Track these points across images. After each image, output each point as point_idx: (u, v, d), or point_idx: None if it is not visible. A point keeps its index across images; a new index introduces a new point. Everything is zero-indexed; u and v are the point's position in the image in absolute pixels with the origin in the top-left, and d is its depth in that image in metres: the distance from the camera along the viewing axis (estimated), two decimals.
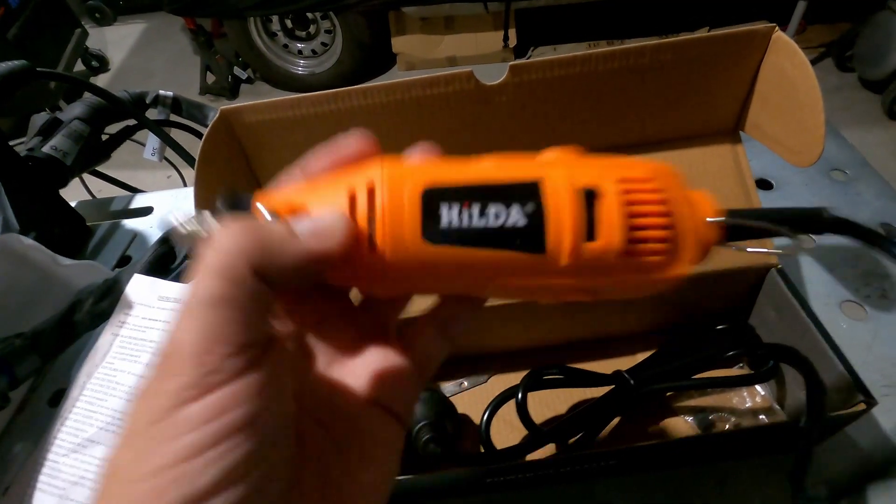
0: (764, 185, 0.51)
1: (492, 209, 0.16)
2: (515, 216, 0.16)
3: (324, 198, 0.17)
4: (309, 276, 0.16)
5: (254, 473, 0.13)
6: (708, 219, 0.19)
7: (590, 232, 0.17)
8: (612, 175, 0.17)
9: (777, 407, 0.35)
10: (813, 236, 0.46)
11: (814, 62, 1.94)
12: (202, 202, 0.31)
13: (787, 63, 0.31)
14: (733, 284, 0.36)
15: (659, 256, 0.17)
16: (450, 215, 0.16)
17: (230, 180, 0.34)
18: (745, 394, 0.36)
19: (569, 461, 0.31)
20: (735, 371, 0.37)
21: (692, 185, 0.39)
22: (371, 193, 0.16)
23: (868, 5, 1.67)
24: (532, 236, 0.16)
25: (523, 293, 0.19)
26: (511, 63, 0.32)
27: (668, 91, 0.34)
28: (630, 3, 2.08)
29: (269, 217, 0.16)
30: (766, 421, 0.34)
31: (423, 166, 0.18)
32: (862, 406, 0.28)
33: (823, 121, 0.30)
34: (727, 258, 0.35)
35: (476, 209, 0.16)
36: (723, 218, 0.19)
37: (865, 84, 1.81)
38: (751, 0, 1.94)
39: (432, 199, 0.16)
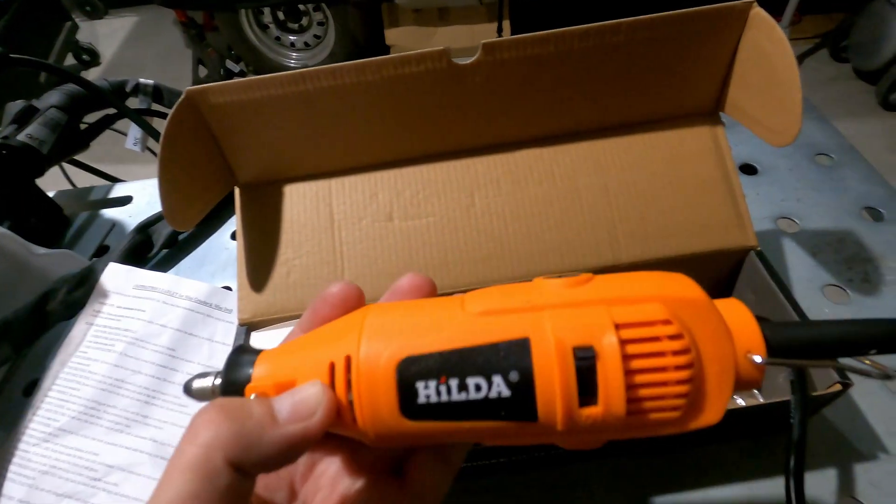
0: (749, 170, 0.50)
1: (471, 381, 0.15)
2: (498, 387, 0.15)
3: (305, 369, 0.17)
4: (291, 457, 0.16)
5: None
6: (751, 356, 0.16)
7: (589, 395, 0.15)
8: (612, 323, 0.15)
9: (755, 391, 0.34)
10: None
11: (809, 52, 1.94)
12: (166, 185, 0.30)
13: (766, 40, 0.31)
14: (713, 267, 0.36)
15: (674, 413, 0.15)
16: (427, 391, 0.15)
17: (197, 162, 0.33)
18: None
19: (545, 445, 0.30)
20: None
21: (670, 171, 0.38)
22: (348, 366, 0.16)
23: None
24: (519, 407, 0.15)
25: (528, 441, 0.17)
26: (484, 41, 0.32)
27: (646, 70, 0.34)
28: None
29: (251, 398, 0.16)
30: (744, 404, 0.34)
31: (402, 327, 0.16)
32: (838, 387, 0.28)
33: (801, 99, 0.29)
34: (702, 240, 0.35)
35: (454, 383, 0.15)
36: (766, 360, 0.16)
37: (860, 74, 1.80)
38: None
39: (408, 374, 0.15)
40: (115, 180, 0.70)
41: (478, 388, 0.15)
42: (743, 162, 0.51)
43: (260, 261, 0.35)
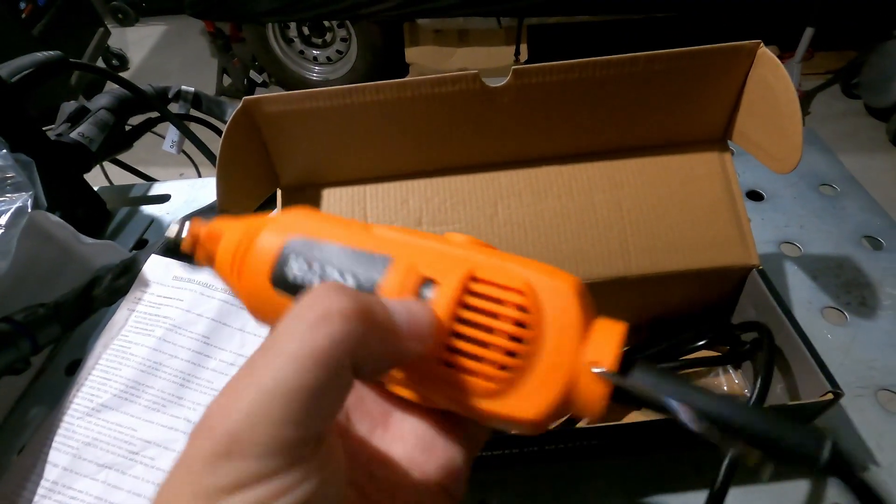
0: (755, 196, 0.53)
1: (330, 272, 0.17)
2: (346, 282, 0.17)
3: (232, 226, 0.19)
4: (388, 371, 0.15)
5: None
6: (594, 368, 0.15)
7: None
8: (468, 271, 0.16)
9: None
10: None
11: (821, 88, 1.98)
12: (223, 182, 0.33)
13: (771, 76, 0.34)
14: (718, 282, 0.38)
15: (489, 384, 0.15)
16: (294, 268, 0.17)
17: (248, 164, 0.36)
18: (724, 382, 0.37)
19: (549, 439, 0.33)
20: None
21: (680, 191, 0.41)
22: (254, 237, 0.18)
23: (875, 34, 1.70)
24: None
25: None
26: (514, 67, 0.35)
27: (660, 99, 0.37)
28: (640, 24, 2.12)
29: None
30: None
31: (315, 222, 0.19)
32: (830, 396, 0.30)
33: (801, 130, 0.32)
34: (708, 257, 0.37)
35: (317, 268, 0.17)
36: (606, 372, 0.15)
37: (871, 111, 1.83)
38: (758, 26, 1.98)
39: (288, 249, 0.18)
40: (148, 179, 0.74)
41: (336, 278, 0.17)
42: (750, 188, 0.54)
43: None
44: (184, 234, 0.20)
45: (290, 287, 0.17)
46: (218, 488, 0.11)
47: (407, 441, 0.17)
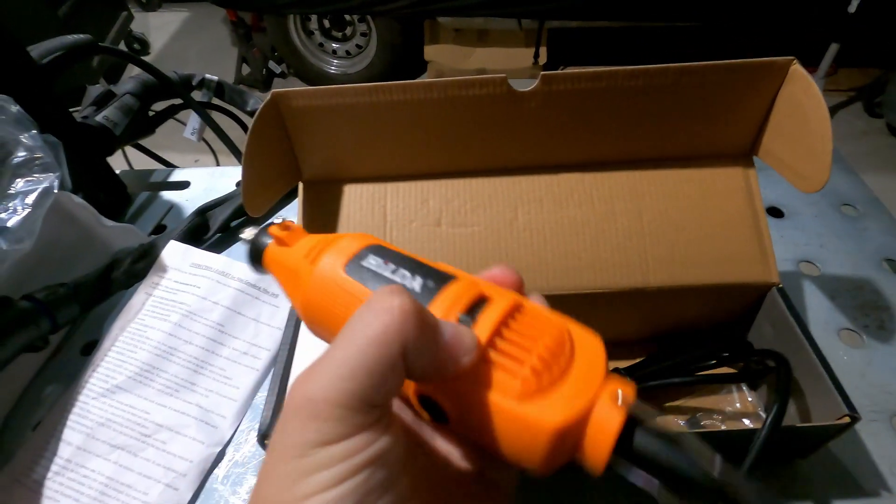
0: (776, 213, 0.53)
1: (401, 271, 0.20)
2: (413, 281, 0.19)
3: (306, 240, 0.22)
4: (431, 378, 0.17)
5: (384, 498, 0.15)
6: (615, 393, 0.17)
7: (471, 319, 0.18)
8: (519, 299, 0.19)
9: (763, 414, 0.36)
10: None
11: (843, 105, 1.95)
12: (249, 171, 0.34)
13: (802, 94, 0.33)
14: (736, 298, 0.38)
15: (517, 380, 0.16)
16: (371, 261, 0.20)
17: (273, 156, 0.37)
18: (737, 399, 0.37)
19: None
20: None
21: (702, 205, 0.41)
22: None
23: None
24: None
25: None
26: (543, 73, 0.35)
27: (688, 111, 0.36)
28: (661, 32, 2.11)
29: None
30: (750, 425, 0.36)
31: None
32: (846, 419, 0.30)
33: (831, 150, 0.32)
34: (727, 272, 0.37)
35: (391, 266, 0.20)
36: (628, 402, 0.16)
37: (893, 131, 1.81)
38: (782, 42, 1.96)
39: (366, 250, 0.21)
40: (168, 164, 0.75)
41: (402, 276, 0.19)
42: (770, 205, 0.53)
43: None
44: (263, 239, 0.23)
45: (363, 274, 0.19)
46: (308, 443, 0.15)
47: (463, 450, 0.20)
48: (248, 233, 0.24)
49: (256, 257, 0.23)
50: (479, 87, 0.35)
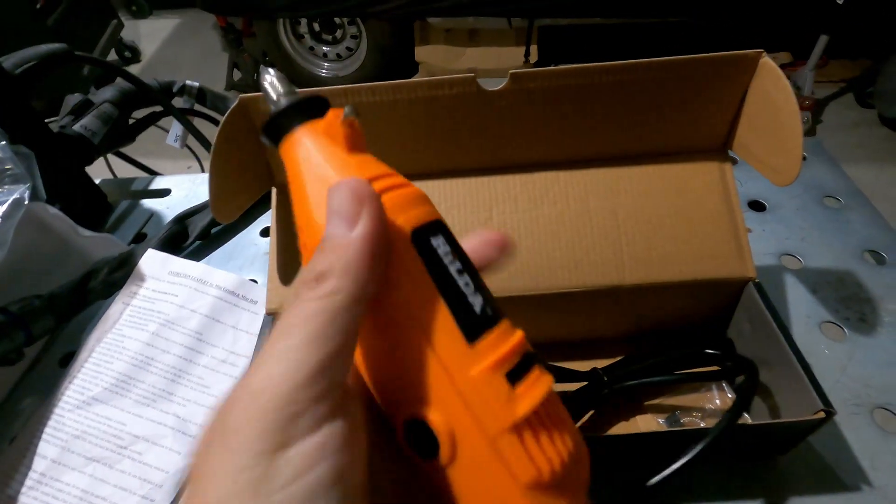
0: (757, 206, 0.52)
1: (465, 277, 0.17)
2: (474, 297, 0.16)
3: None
4: (374, 267, 0.16)
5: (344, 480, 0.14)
6: None
7: (516, 382, 0.16)
8: (551, 381, 0.17)
9: (745, 413, 0.36)
10: (800, 258, 0.47)
11: (834, 96, 1.95)
12: (216, 178, 0.33)
13: (772, 87, 0.33)
14: (713, 295, 0.38)
15: (529, 473, 0.15)
16: (439, 244, 0.17)
17: (243, 161, 0.36)
18: (716, 397, 0.37)
19: None
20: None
21: (677, 201, 0.40)
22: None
23: (890, 43, 1.67)
24: (470, 320, 0.16)
25: None
26: (512, 71, 0.35)
27: (661, 106, 0.36)
28: (652, 28, 2.11)
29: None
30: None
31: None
32: (822, 415, 0.29)
33: (801, 143, 0.31)
34: (703, 268, 0.37)
35: (458, 264, 0.17)
36: None
37: (884, 121, 1.80)
38: (773, 33, 1.96)
39: (438, 228, 0.18)
40: (152, 172, 0.74)
41: (466, 284, 0.16)
42: (752, 198, 0.53)
43: (290, 256, 0.38)
44: (297, 115, 0.18)
45: (429, 256, 0.16)
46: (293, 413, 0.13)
47: None
48: (277, 85, 0.18)
49: (277, 130, 0.18)
50: (449, 87, 0.35)
